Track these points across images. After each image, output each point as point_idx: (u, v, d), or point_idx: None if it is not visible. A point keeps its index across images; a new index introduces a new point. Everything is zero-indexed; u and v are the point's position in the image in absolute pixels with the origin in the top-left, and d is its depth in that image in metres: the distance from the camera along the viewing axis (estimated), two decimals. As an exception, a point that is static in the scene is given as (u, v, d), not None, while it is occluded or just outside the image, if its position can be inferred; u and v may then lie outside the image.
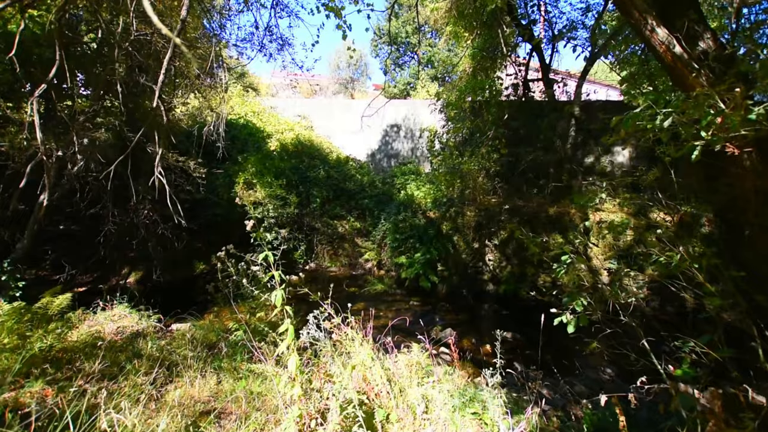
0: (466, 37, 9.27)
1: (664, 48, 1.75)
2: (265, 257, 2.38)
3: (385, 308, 7.38)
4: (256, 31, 6.27)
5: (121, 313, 5.56)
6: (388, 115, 13.79)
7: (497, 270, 8.16)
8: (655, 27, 1.75)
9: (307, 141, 12.16)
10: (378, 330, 6.39)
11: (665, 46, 1.75)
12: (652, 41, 1.79)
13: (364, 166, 12.62)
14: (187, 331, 5.32)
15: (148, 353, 3.64)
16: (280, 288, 2.34)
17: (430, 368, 3.38)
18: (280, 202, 9.01)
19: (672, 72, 1.83)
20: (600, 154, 9.94)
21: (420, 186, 10.63)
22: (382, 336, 3.80)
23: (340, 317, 3.20)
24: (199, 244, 9.36)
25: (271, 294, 2.37)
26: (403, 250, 8.80)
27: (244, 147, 10.50)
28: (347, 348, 2.84)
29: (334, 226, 10.29)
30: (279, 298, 2.33)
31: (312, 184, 10.38)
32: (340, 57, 27.60)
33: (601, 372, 4.89)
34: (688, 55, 1.72)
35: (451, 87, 9.41)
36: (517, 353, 5.51)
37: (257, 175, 8.76)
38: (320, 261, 10.29)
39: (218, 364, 3.78)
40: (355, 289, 8.41)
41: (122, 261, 8.96)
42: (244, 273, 4.31)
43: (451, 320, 6.77)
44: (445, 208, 9.00)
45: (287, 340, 2.35)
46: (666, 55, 1.76)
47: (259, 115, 13.11)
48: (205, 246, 9.40)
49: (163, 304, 6.37)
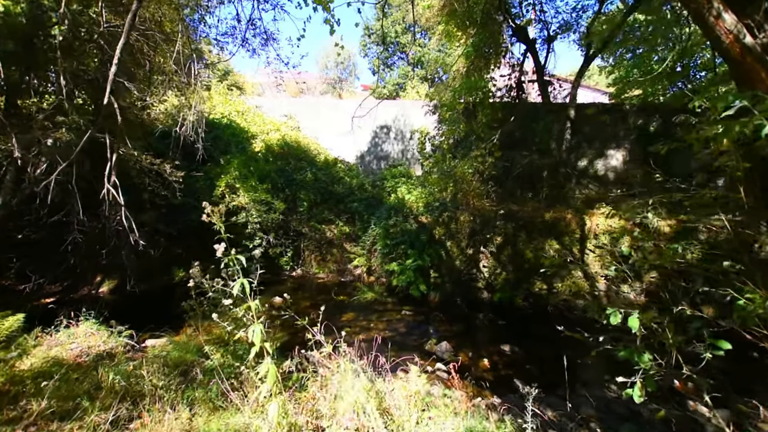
0: (459, 36, 9.00)
1: (732, 38, 1.45)
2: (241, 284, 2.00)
3: (375, 318, 7.02)
4: (238, 24, 5.86)
5: (87, 330, 5.06)
6: (378, 116, 13.43)
7: (492, 277, 7.90)
8: (721, 12, 1.45)
9: (293, 142, 11.71)
10: (369, 343, 6.04)
11: (733, 36, 1.45)
12: (716, 29, 1.49)
13: (353, 168, 12.24)
14: (162, 349, 4.87)
15: (109, 385, 3.19)
16: (258, 322, 1.96)
17: (430, 399, 3.04)
18: (264, 206, 8.55)
19: (739, 67, 1.53)
20: (593, 157, 9.80)
21: (411, 189, 10.30)
22: (373, 350, 3.46)
23: (330, 344, 2.83)
24: (179, 251, 8.83)
25: (248, 329, 2.00)
26: (394, 256, 8.45)
27: (227, 148, 10.00)
28: (339, 386, 2.46)
29: (322, 231, 9.88)
30: (258, 335, 1.95)
31: (299, 187, 9.94)
32: (328, 56, 27.13)
33: (606, 389, 4.63)
34: (762, 48, 1.42)
35: (444, 88, 9.12)
36: (517, 368, 5.23)
37: (240, 178, 8.28)
38: (307, 267, 9.87)
39: (191, 394, 3.36)
40: (344, 298, 8.03)
41: (94, 269, 8.38)
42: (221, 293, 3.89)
43: (445, 331, 6.45)
44: (437, 212, 8.70)
45: (268, 382, 1.98)
46: (733, 46, 1.46)
47: (244, 114, 12.59)
48: (185, 252, 8.87)
49: (139, 315, 5.88)
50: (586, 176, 9.72)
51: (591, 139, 9.73)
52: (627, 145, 9.58)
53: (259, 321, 2.04)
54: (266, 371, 1.95)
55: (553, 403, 4.28)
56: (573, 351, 5.97)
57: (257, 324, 1.98)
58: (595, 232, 7.32)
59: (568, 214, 7.57)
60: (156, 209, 7.92)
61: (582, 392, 4.68)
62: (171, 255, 8.77)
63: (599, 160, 9.75)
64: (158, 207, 7.26)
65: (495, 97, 9.01)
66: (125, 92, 6.48)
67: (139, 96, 6.11)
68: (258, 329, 1.96)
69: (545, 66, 8.34)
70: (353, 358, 2.92)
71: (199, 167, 8.87)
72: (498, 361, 5.41)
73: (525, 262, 7.73)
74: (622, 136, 9.61)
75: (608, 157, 9.73)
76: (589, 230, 7.33)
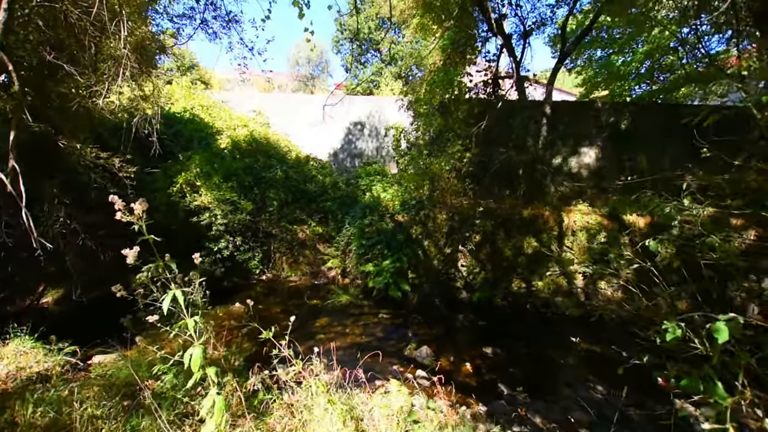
0: (434, 30, 8.76)
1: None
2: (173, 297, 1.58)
3: (351, 323, 6.64)
4: (197, 4, 5.31)
5: (18, 349, 4.40)
6: (352, 112, 13.04)
7: (470, 276, 7.70)
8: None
9: (262, 138, 11.11)
10: (345, 351, 5.65)
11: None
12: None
13: (326, 166, 11.77)
14: (111, 366, 4.29)
15: (26, 420, 2.65)
16: (199, 344, 1.56)
17: (414, 416, 2.70)
18: (230, 206, 7.96)
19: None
20: (567, 155, 9.85)
21: (387, 187, 9.98)
22: (350, 359, 3.09)
23: (300, 362, 2.44)
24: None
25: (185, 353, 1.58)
26: (370, 257, 8.10)
27: (188, 144, 9.29)
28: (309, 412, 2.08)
29: (294, 232, 9.37)
30: (195, 361, 1.54)
31: (268, 186, 9.39)
32: (299, 52, 26.38)
33: (592, 389, 4.48)
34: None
35: (420, 82, 8.86)
36: (500, 371, 5.00)
37: (202, 176, 7.65)
38: (278, 270, 9.34)
39: (137, 423, 2.87)
40: (318, 302, 7.59)
41: (37, 278, 7.52)
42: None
43: (425, 335, 6.16)
44: (414, 210, 8.42)
45: (214, 419, 1.57)
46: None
47: (209, 109, 11.84)
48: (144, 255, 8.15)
49: (87, 327, 5.25)
50: (561, 173, 9.75)
51: (565, 136, 9.77)
52: (599, 142, 9.69)
53: (201, 341, 1.63)
54: (211, 405, 1.54)
55: (540, 409, 4.06)
56: (555, 350, 5.87)
57: (197, 346, 1.57)
58: (573, 228, 7.26)
59: (546, 211, 7.48)
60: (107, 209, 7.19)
61: (568, 393, 4.51)
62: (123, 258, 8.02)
63: (573, 158, 9.81)
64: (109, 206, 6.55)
65: (471, 92, 8.83)
66: (68, 78, 5.77)
67: (83, 82, 5.43)
68: (197, 353, 1.55)
69: (521, 61, 8.25)
70: (326, 375, 2.55)
71: (157, 164, 8.17)
72: (481, 364, 5.17)
73: (504, 260, 7.59)
74: (594, 134, 9.71)
75: (581, 155, 9.81)
76: (566, 227, 7.26)
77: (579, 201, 8.00)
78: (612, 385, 4.58)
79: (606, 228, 7.09)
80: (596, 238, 7.13)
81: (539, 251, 7.41)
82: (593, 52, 16.15)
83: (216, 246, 8.02)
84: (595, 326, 6.49)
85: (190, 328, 1.64)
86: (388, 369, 4.99)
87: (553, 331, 6.49)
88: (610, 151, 9.66)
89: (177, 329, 1.73)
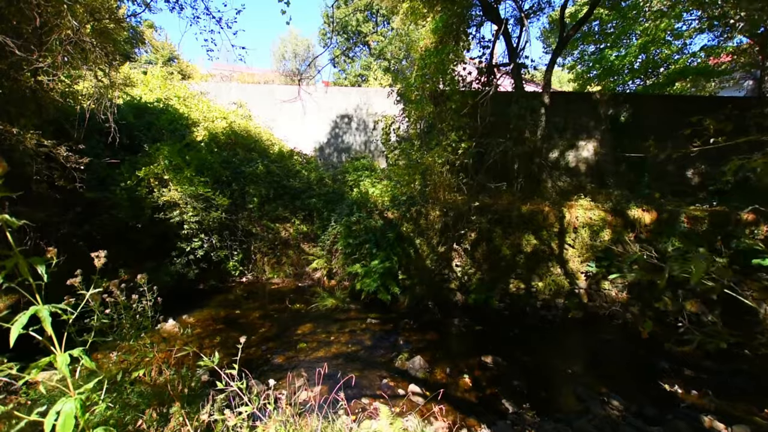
0: (424, 13, 8.20)
1: None
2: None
3: (337, 330, 6.03)
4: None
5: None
6: (339, 104, 12.41)
7: (465, 277, 7.16)
8: None
9: (243, 131, 10.41)
10: (329, 362, 5.02)
11: None
12: None
13: (311, 161, 11.12)
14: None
15: None
16: (75, 396, 0.95)
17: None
18: (203, 203, 7.26)
19: None
20: (565, 149, 9.41)
21: (375, 183, 9.39)
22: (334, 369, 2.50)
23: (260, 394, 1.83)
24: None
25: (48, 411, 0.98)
26: (358, 257, 7.50)
27: (159, 136, 8.54)
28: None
29: (276, 230, 8.71)
30: (65, 424, 0.93)
31: (248, 181, 8.70)
32: (285, 46, 25.56)
33: (607, 405, 3.97)
34: None
35: (410, 65, 8.28)
36: (503, 384, 4.46)
37: (171, 169, 6.93)
38: (259, 272, 8.66)
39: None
40: (302, 306, 6.96)
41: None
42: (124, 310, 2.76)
43: (417, 342, 5.59)
44: (405, 207, 7.85)
45: None
46: None
47: (186, 100, 11.04)
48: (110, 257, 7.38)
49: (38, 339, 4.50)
50: (558, 167, 9.30)
51: (562, 129, 9.33)
52: (598, 135, 9.27)
53: (81, 391, 1.02)
54: None
55: (551, 431, 3.53)
56: (560, 358, 5.37)
57: (71, 398, 0.96)
58: (575, 225, 6.79)
59: (546, 207, 6.99)
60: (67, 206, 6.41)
61: (580, 409, 3.99)
62: (88, 261, 7.26)
63: (570, 151, 9.38)
64: (62, 202, 5.80)
65: (465, 81, 8.30)
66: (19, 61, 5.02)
67: (24, 56, 4.70)
68: (69, 407, 0.94)
69: (518, 48, 7.75)
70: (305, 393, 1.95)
71: (123, 156, 7.42)
72: (480, 376, 4.62)
73: (501, 260, 7.08)
74: (593, 126, 9.29)
75: (579, 149, 9.38)
76: (568, 223, 6.78)
77: (580, 195, 7.53)
78: (628, 398, 4.09)
79: (610, 224, 6.63)
80: (599, 235, 6.67)
81: (539, 249, 6.92)
82: (586, 47, 15.88)
83: (189, 246, 7.32)
84: (601, 329, 6.03)
85: (62, 367, 1.03)
86: (377, 384, 4.40)
87: (555, 336, 5.98)
88: (609, 144, 9.25)
89: (33, 370, 1.11)
